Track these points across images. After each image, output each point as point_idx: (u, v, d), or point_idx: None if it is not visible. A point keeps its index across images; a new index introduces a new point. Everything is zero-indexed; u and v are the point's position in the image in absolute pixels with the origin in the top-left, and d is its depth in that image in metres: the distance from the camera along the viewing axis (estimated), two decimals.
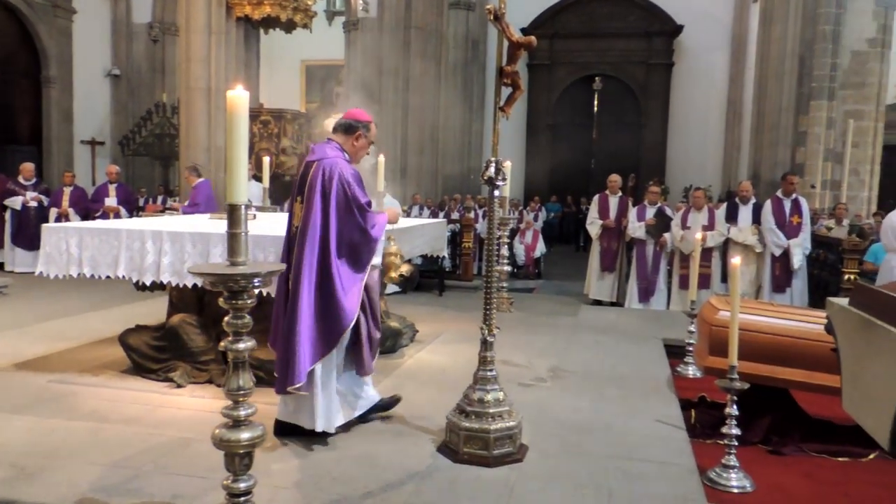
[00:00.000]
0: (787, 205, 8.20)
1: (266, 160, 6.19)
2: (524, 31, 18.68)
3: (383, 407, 4.20)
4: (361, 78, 15.45)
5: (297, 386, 3.59)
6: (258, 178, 7.45)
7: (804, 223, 8.14)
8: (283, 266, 2.99)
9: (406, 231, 5.61)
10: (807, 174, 14.02)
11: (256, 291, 2.37)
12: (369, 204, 3.81)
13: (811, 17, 14.00)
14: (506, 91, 3.68)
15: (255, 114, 9.56)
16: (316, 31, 11.47)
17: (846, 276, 7.75)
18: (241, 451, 2.37)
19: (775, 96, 14.48)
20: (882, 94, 15.15)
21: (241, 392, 2.35)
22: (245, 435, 2.35)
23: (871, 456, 3.99)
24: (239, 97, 2.27)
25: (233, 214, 2.26)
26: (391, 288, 6.85)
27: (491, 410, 3.63)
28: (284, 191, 10.41)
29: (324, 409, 3.76)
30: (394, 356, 5.78)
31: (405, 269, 6.07)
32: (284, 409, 3.85)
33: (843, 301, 2.07)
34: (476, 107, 18.91)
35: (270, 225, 5.07)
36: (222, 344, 2.37)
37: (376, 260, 3.89)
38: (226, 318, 2.34)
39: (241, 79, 8.41)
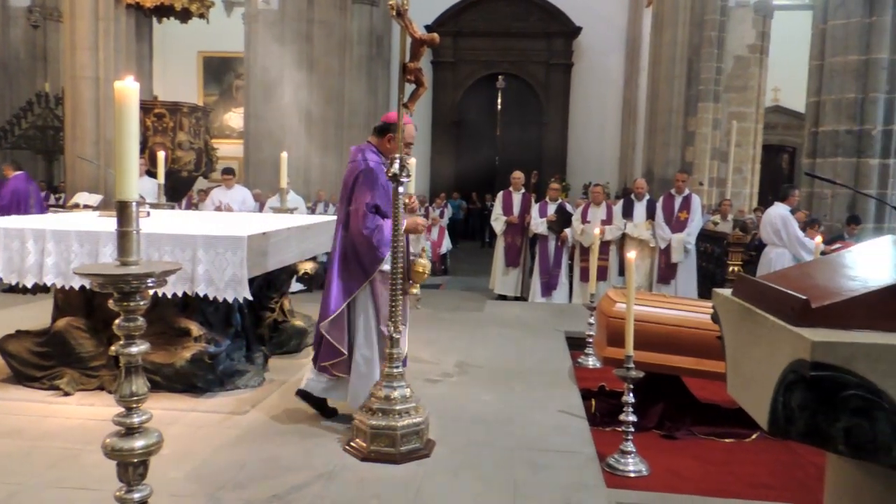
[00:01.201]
0: (678, 201, 8.64)
1: (161, 155, 5.94)
2: (428, 29, 18.76)
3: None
4: (262, 72, 15.05)
5: (334, 362, 3.98)
6: (152, 174, 7.12)
7: (691, 219, 8.59)
8: (180, 265, 2.88)
9: (309, 228, 5.52)
10: (696, 172, 14.78)
11: (151, 292, 2.26)
12: (376, 207, 3.87)
13: (698, 23, 14.77)
14: (409, 88, 3.68)
15: (149, 106, 9.12)
16: (214, 21, 11.07)
17: (731, 268, 8.25)
18: (136, 461, 2.26)
19: (666, 98, 15.18)
20: (761, 98, 16.20)
21: (135, 398, 2.24)
22: (139, 443, 2.24)
23: (754, 436, 4.27)
24: (128, 88, 2.16)
25: (123, 212, 2.15)
26: (295, 286, 6.71)
27: (398, 407, 3.63)
28: (181, 187, 10.00)
29: (358, 390, 3.97)
30: (299, 355, 5.68)
31: (309, 266, 5.98)
32: (317, 384, 4.12)
33: (727, 291, 2.19)
34: (381, 103, 18.80)
35: (165, 222, 4.86)
36: (113, 348, 2.25)
37: (386, 266, 3.87)
38: (116, 322, 2.22)
39: (131, 69, 8.01)
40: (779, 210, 7.72)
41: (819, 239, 5.70)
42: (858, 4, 8.10)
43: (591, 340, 6.10)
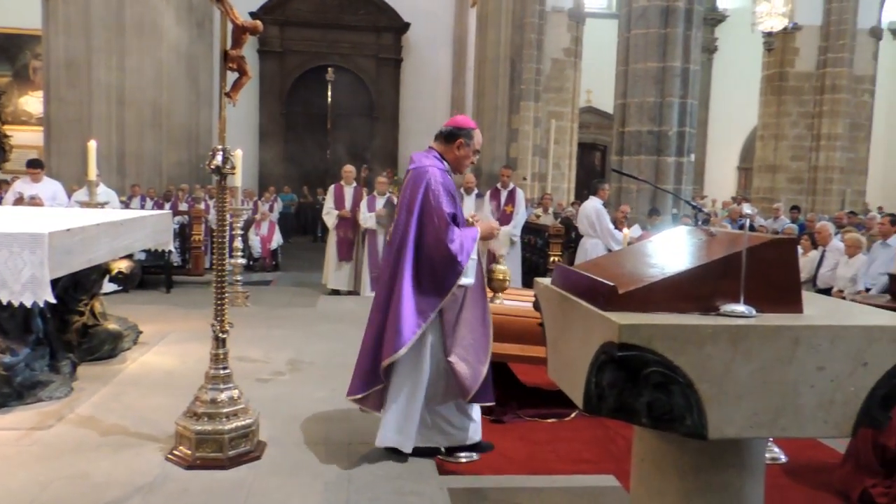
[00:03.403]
0: (504, 195, 9.03)
1: None
2: (252, 16, 18.03)
3: (478, 448, 3.79)
4: (66, 53, 13.65)
5: (358, 398, 3.57)
6: None
7: (516, 212, 9.02)
8: None
9: (123, 224, 5.11)
10: (519, 167, 15.57)
11: None
12: (454, 217, 3.44)
13: (519, 25, 15.52)
14: (232, 76, 3.52)
15: None
16: None
17: (551, 258, 8.78)
18: None
19: (491, 96, 15.82)
20: (576, 99, 17.40)
21: None
22: None
23: (573, 415, 4.57)
24: None
25: None
26: (108, 286, 6.20)
27: (225, 410, 3.48)
28: None
29: (391, 425, 3.57)
30: (114, 361, 5.25)
31: (124, 265, 5.55)
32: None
33: (547, 281, 2.33)
34: (204, 91, 17.80)
35: None
36: None
37: (466, 280, 3.44)
38: None
39: None
40: (593, 203, 8.33)
41: (627, 230, 6.22)
42: (656, 16, 8.93)
43: None
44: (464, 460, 3.87)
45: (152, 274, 9.00)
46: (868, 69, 17.52)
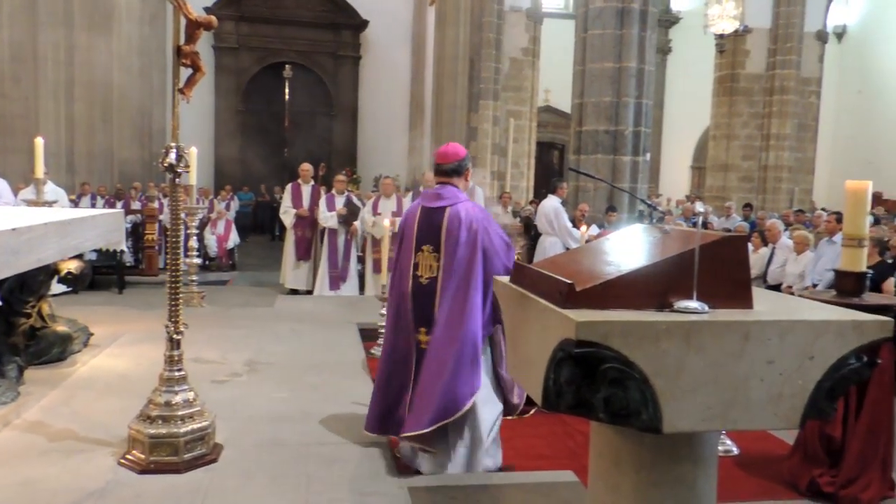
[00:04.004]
0: None
1: None
2: (207, 11, 17.65)
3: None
4: (11, 47, 13.20)
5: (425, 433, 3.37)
6: None
7: None
8: None
9: (72, 223, 4.95)
10: (479, 166, 15.62)
11: None
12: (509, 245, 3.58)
13: (478, 24, 15.57)
14: (186, 72, 3.45)
15: None
16: None
17: None
18: None
19: (450, 94, 15.83)
20: (535, 98, 17.54)
21: None
22: None
23: (532, 412, 4.61)
24: None
25: None
26: (58, 287, 6.02)
27: (180, 413, 3.41)
28: None
29: (479, 453, 3.53)
30: (63, 364, 5.11)
31: (73, 265, 5.40)
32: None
33: (506, 278, 2.34)
34: (158, 87, 17.44)
35: None
36: None
37: None
38: None
39: None
40: (551, 202, 8.42)
41: (584, 228, 6.30)
42: (612, 17, 9.06)
43: (383, 331, 6.18)
44: None
45: (104, 274, 8.77)
46: (815, 71, 18.06)
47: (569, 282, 1.79)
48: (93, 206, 11.92)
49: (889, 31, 20.05)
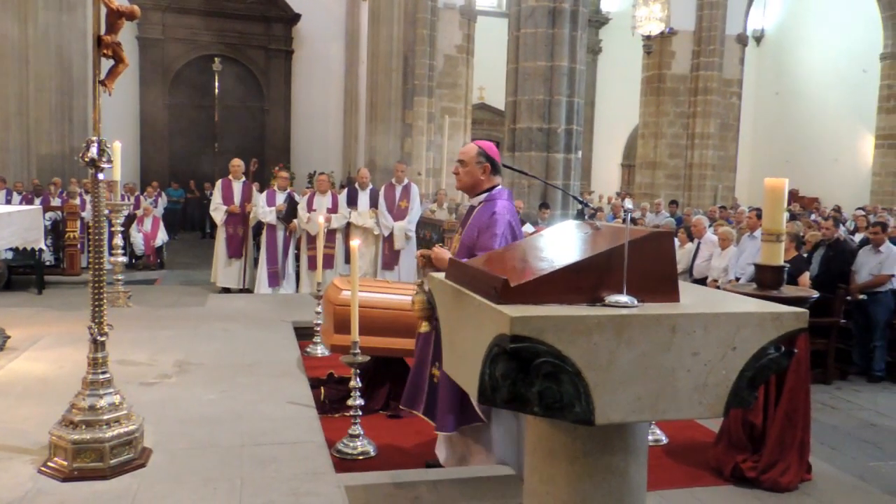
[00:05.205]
0: (399, 190, 9.03)
1: None
2: (131, 0, 17.06)
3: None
4: None
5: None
6: None
7: (411, 207, 9.05)
8: None
9: None
10: (414, 162, 15.62)
11: None
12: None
13: (412, 20, 15.54)
14: (108, 63, 3.31)
15: None
16: None
17: None
18: None
19: (385, 90, 15.75)
20: (469, 95, 17.64)
21: None
22: None
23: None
24: None
25: None
26: None
27: (105, 417, 3.29)
28: None
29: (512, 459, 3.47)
30: None
31: None
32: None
33: (441, 275, 2.35)
34: (78, 79, 16.69)
35: None
36: None
37: None
38: None
39: None
40: None
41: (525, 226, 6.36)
42: (544, 16, 9.19)
43: (318, 329, 6.12)
44: (361, 457, 3.86)
45: (21, 274, 8.36)
46: (736, 73, 18.79)
47: (503, 277, 1.81)
48: (8, 202, 11.33)
49: (804, 35, 21.06)
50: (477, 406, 3.39)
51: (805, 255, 7.11)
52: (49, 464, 3.26)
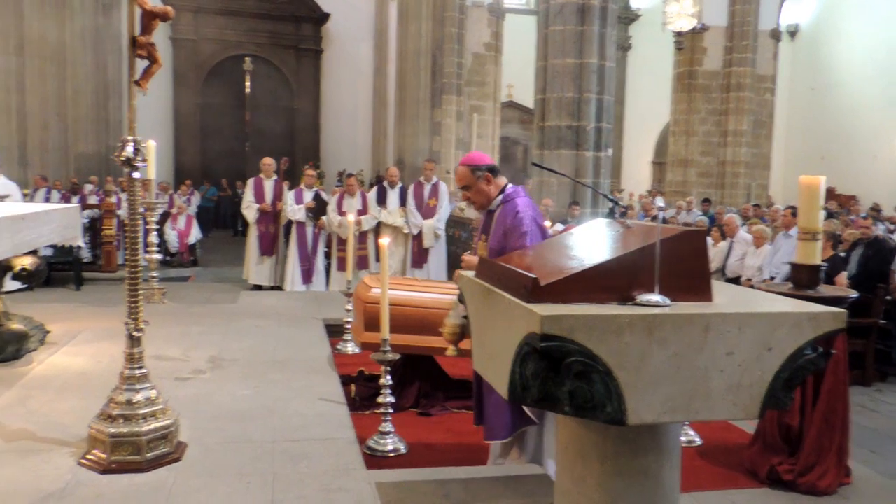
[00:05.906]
0: (427, 188, 9.05)
1: None
2: (164, 1, 17.33)
3: None
4: None
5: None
6: None
7: (440, 205, 9.06)
8: None
9: (26, 218, 4.83)
10: (442, 161, 15.60)
11: None
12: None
13: (440, 19, 15.52)
14: (142, 64, 3.38)
15: None
16: None
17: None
18: None
19: (413, 89, 15.77)
20: (498, 93, 17.57)
21: None
22: None
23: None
24: None
25: None
26: (11, 284, 5.85)
27: (142, 411, 3.35)
28: None
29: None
30: (19, 363, 4.97)
31: (28, 261, 5.26)
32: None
33: (471, 273, 2.35)
34: (113, 79, 17.04)
35: None
36: None
37: None
38: None
39: None
40: None
41: (549, 224, 6.33)
42: (573, 14, 9.13)
43: (349, 327, 6.16)
44: (392, 454, 3.88)
45: (60, 271, 8.55)
46: (769, 69, 18.45)
47: (533, 276, 1.80)
48: (47, 200, 11.60)
49: (840, 30, 20.60)
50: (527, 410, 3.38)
51: (842, 255, 6.97)
52: (88, 456, 3.34)
